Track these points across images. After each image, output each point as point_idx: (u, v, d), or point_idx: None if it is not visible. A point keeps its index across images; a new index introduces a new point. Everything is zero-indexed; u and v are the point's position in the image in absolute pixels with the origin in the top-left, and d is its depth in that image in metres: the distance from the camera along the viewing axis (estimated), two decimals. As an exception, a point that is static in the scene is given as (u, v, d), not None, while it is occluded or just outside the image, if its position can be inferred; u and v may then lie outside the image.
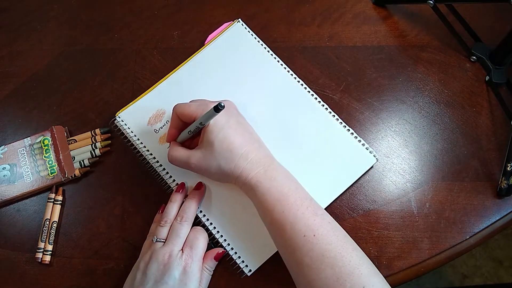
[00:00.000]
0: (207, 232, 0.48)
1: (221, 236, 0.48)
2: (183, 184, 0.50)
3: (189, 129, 0.46)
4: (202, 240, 0.46)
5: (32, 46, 0.61)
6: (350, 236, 0.42)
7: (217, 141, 0.43)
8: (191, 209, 0.47)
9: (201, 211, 0.49)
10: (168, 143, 0.53)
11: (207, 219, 0.49)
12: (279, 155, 0.52)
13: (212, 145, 0.43)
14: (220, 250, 0.47)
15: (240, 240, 0.48)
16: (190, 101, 0.48)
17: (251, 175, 0.43)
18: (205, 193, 0.50)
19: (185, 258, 0.43)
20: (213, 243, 0.49)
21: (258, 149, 0.45)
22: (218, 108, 0.41)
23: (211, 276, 0.47)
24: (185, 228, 0.46)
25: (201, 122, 0.44)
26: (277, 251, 0.48)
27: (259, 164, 0.44)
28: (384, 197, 0.51)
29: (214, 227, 0.49)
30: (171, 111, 0.54)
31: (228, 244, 0.48)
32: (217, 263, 0.47)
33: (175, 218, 0.47)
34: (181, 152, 0.46)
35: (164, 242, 0.45)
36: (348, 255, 0.39)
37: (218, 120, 0.44)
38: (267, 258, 0.48)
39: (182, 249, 0.45)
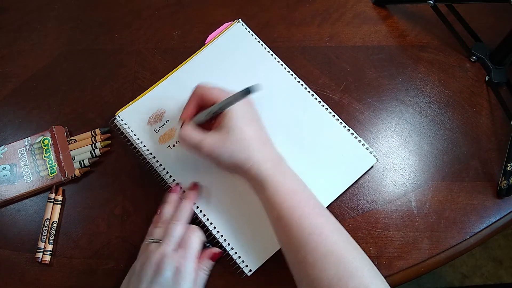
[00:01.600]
0: (207, 232, 0.48)
1: (221, 236, 0.48)
2: (177, 186, 0.50)
3: (210, 110, 0.45)
4: (195, 240, 0.46)
5: (32, 46, 0.61)
6: (350, 236, 0.42)
7: (237, 128, 0.43)
8: (186, 209, 0.47)
9: (201, 211, 0.49)
10: (168, 142, 0.53)
11: (207, 219, 0.49)
12: (279, 155, 0.52)
13: (231, 131, 0.43)
14: (217, 250, 0.47)
15: (240, 240, 0.48)
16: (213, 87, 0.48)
17: (262, 169, 0.43)
18: (200, 193, 0.50)
19: (178, 258, 0.43)
20: (212, 243, 0.49)
21: (271, 146, 0.46)
22: (248, 91, 0.40)
23: (207, 276, 0.47)
24: (178, 227, 0.46)
25: (223, 105, 0.44)
26: (278, 251, 0.48)
27: (271, 159, 0.44)
28: (384, 197, 0.51)
29: (214, 227, 0.49)
30: (171, 111, 0.54)
31: (228, 244, 0.48)
32: (213, 263, 0.47)
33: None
34: (195, 132, 0.45)
35: (160, 243, 0.45)
36: (351, 256, 0.39)
37: (240, 108, 0.44)
38: (267, 258, 0.48)
39: (177, 249, 0.45)
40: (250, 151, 0.43)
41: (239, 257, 0.48)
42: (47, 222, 0.51)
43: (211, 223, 0.49)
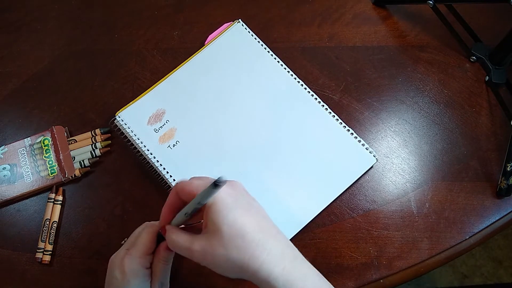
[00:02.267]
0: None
1: (221, 236, 0.48)
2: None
3: (185, 211, 0.38)
4: (143, 235, 0.42)
5: (32, 46, 0.61)
6: (350, 236, 0.42)
7: (226, 225, 0.35)
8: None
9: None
10: (168, 142, 0.53)
11: (207, 219, 0.49)
12: (279, 156, 0.52)
13: (220, 229, 0.35)
14: None
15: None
16: (191, 178, 0.41)
17: (277, 272, 0.34)
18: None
19: (123, 256, 0.41)
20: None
21: (277, 236, 0.37)
22: (217, 184, 0.33)
23: (168, 266, 0.43)
24: (138, 230, 0.43)
25: (199, 202, 0.36)
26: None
27: (284, 256, 0.35)
28: (384, 197, 0.51)
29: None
30: (171, 111, 0.54)
31: (228, 244, 0.48)
32: (174, 252, 0.42)
33: None
34: (182, 237, 0.38)
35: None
36: None
37: (225, 199, 0.36)
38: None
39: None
40: (252, 249, 0.34)
41: (239, 257, 0.48)
42: (47, 222, 0.51)
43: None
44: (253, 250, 0.34)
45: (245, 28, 0.59)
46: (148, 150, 0.52)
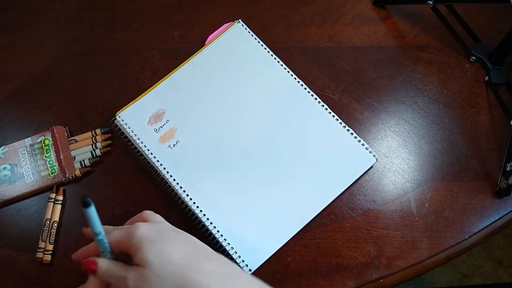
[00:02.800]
0: (206, 231, 0.49)
1: (221, 235, 0.48)
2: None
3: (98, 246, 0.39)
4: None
5: (32, 46, 0.61)
6: (350, 236, 0.42)
7: (152, 256, 0.35)
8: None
9: (201, 211, 0.50)
10: (168, 142, 0.53)
11: (207, 218, 0.49)
12: (279, 155, 0.52)
13: (147, 261, 0.35)
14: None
15: (240, 239, 0.48)
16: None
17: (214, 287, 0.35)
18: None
19: None
20: (212, 243, 0.49)
21: (208, 256, 0.38)
22: (84, 203, 0.35)
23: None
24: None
25: (92, 231, 0.37)
26: (278, 250, 0.48)
27: (218, 274, 0.36)
28: (383, 197, 0.51)
29: (214, 226, 0.49)
30: (171, 111, 0.54)
31: (228, 244, 0.48)
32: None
33: None
34: (116, 266, 0.38)
35: None
36: None
37: (148, 236, 0.37)
38: (268, 257, 0.48)
39: None
40: (184, 272, 0.35)
41: (239, 256, 0.48)
42: (48, 222, 0.51)
43: (211, 223, 0.49)
44: (188, 275, 0.35)
45: (245, 28, 0.59)
46: (148, 150, 0.53)
